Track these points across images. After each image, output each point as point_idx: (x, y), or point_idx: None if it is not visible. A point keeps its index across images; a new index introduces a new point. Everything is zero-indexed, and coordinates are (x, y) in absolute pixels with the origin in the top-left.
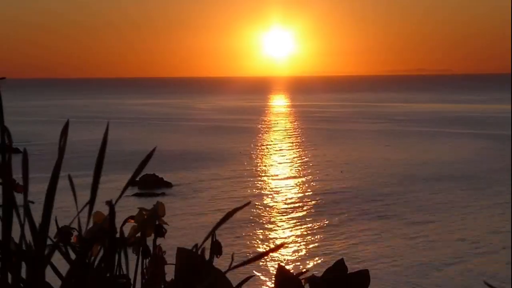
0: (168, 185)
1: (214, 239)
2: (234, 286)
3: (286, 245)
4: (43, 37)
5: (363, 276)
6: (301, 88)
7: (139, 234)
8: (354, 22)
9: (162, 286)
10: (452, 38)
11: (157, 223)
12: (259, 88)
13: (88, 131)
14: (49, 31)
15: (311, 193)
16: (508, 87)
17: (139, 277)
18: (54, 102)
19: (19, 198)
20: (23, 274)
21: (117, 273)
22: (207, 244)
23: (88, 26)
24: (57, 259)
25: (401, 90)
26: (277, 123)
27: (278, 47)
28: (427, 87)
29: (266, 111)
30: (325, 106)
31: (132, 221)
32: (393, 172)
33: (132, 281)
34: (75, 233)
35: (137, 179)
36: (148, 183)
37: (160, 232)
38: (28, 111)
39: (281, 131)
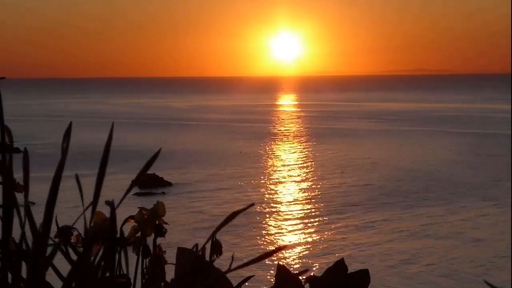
0: (168, 184)
1: (214, 239)
2: (234, 285)
3: (287, 245)
4: (42, 38)
5: (363, 276)
6: (302, 88)
7: (139, 234)
8: (356, 24)
9: (162, 286)
10: (455, 39)
11: (157, 222)
12: (264, 88)
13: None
14: (49, 32)
15: (312, 193)
16: (502, 87)
17: (139, 277)
18: (38, 101)
19: (19, 197)
20: (23, 274)
21: (117, 273)
22: (207, 244)
23: (103, 27)
24: (57, 258)
25: (400, 90)
26: (277, 123)
27: (285, 50)
28: (428, 86)
29: (266, 111)
30: (324, 106)
31: (132, 220)
32: (394, 172)
33: (132, 281)
34: (75, 232)
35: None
36: (148, 183)
37: (160, 231)
38: (10, 110)
39: (281, 130)
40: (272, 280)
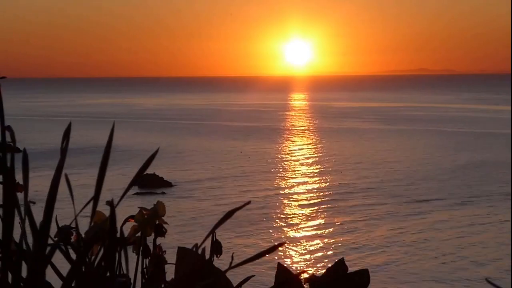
0: (168, 184)
1: (214, 239)
2: (234, 286)
3: (286, 244)
4: (42, 37)
5: (363, 276)
6: (307, 87)
7: (139, 234)
8: (360, 26)
9: (162, 286)
10: (457, 39)
11: (157, 222)
12: (272, 88)
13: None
14: (48, 32)
15: (311, 193)
16: (496, 86)
17: (139, 277)
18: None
19: (19, 197)
20: (23, 274)
21: (117, 273)
22: (207, 244)
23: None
24: (57, 258)
25: (399, 89)
26: (277, 123)
27: (297, 55)
28: (428, 86)
29: (266, 110)
30: (323, 105)
31: (132, 220)
32: (393, 172)
33: (132, 281)
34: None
35: None
36: (148, 183)
37: (160, 231)
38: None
39: (280, 130)
40: (272, 280)
